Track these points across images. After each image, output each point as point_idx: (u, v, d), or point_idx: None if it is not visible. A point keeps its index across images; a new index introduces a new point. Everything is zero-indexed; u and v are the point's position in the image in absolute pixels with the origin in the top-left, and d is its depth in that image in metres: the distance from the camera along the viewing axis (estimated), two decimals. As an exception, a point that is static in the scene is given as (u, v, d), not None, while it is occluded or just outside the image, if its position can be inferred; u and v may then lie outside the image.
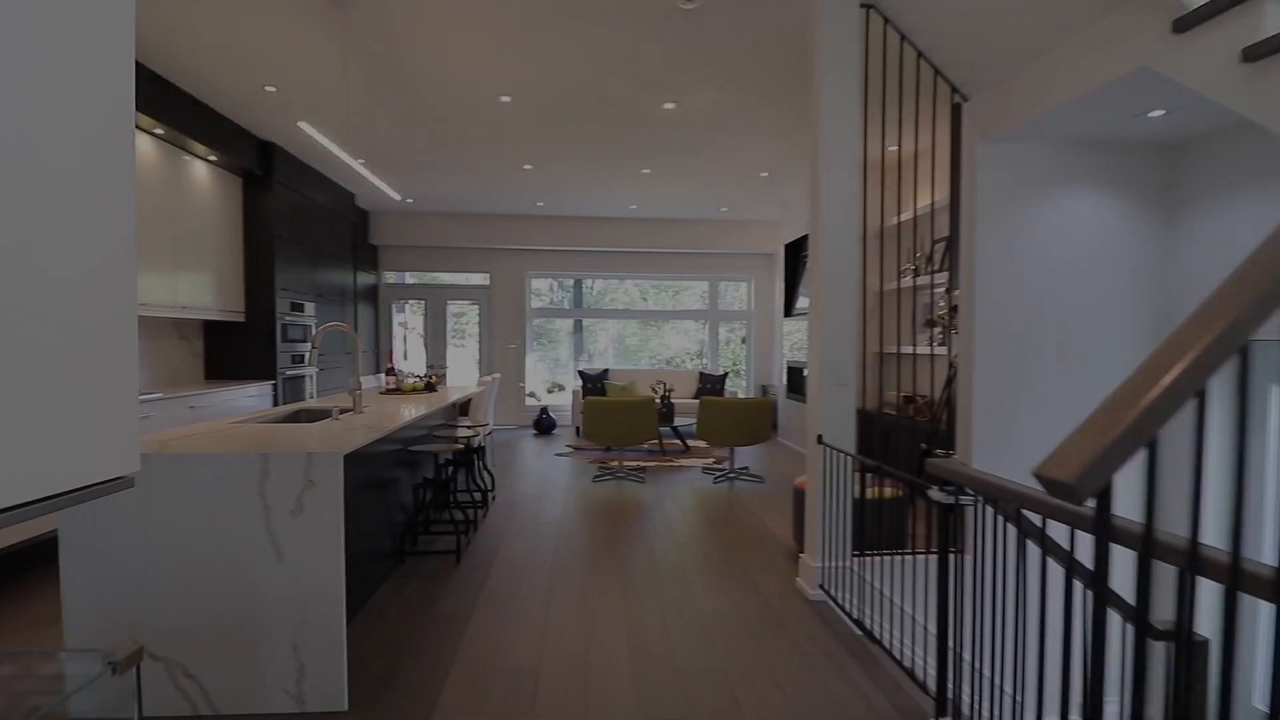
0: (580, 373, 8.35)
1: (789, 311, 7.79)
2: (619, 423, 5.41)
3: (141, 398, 3.91)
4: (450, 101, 4.53)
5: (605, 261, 9.11)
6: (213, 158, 4.98)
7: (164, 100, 4.22)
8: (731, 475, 5.76)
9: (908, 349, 5.12)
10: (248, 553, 2.09)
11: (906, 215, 5.10)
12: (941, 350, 4.73)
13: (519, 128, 5.08)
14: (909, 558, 3.09)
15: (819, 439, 3.05)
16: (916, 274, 5.26)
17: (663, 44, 3.67)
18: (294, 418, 3.42)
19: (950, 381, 3.65)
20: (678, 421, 6.95)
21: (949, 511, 1.98)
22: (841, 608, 2.89)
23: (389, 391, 4.43)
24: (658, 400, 6.49)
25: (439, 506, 3.91)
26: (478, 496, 4.76)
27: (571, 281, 9.97)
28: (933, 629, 2.30)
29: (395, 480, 3.45)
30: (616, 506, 4.74)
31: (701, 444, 7.53)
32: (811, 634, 2.69)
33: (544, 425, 8.31)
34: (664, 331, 10.75)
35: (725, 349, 10.04)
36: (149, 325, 4.82)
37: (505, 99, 4.48)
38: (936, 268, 5.10)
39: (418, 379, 4.61)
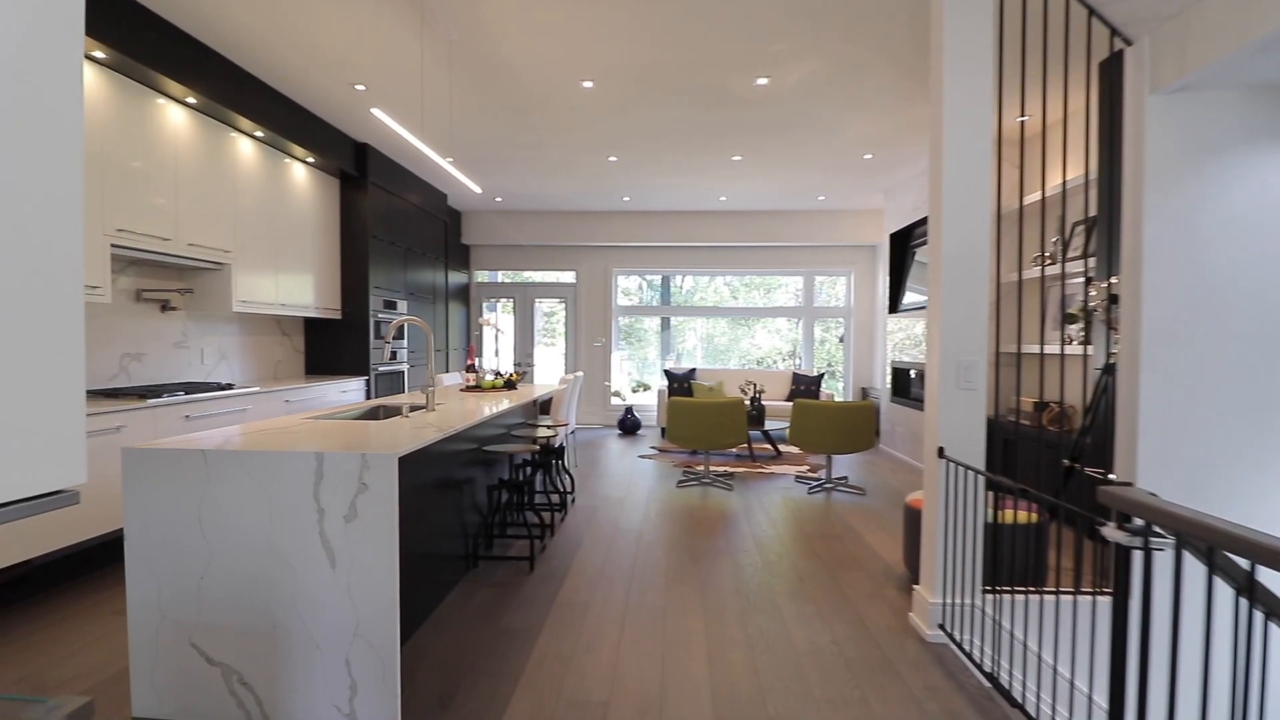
0: (666, 372, 8.09)
1: (894, 307, 7.14)
2: (706, 425, 5.08)
3: (239, 391, 4.03)
4: (530, 89, 4.38)
5: (693, 257, 8.79)
6: (310, 159, 5.13)
7: (262, 103, 4.34)
8: (828, 485, 5.28)
9: (1038, 348, 4.45)
10: (301, 558, 1.97)
11: (1033, 197, 4.43)
12: (1081, 350, 4.05)
13: (602, 115, 4.87)
14: (1050, 598, 2.56)
15: (940, 452, 2.59)
16: (1048, 263, 4.57)
17: (756, 9, 3.31)
18: (372, 414, 3.37)
19: (1103, 386, 3.04)
20: (769, 425, 6.52)
21: (1128, 555, 1.52)
22: (967, 654, 2.43)
23: (469, 389, 4.35)
24: (747, 402, 6.10)
25: (515, 508, 3.77)
26: (556, 499, 4.60)
27: (659, 279, 9.74)
28: (1098, 698, 1.82)
29: (469, 480, 3.32)
30: (701, 515, 4.41)
31: (794, 450, 7.04)
32: (930, 685, 2.26)
33: (629, 425, 8.12)
34: (754, 330, 10.29)
35: (819, 349, 9.44)
36: (253, 321, 5.03)
37: (587, 84, 4.28)
38: (1075, 254, 4.40)
39: (498, 376, 4.51)
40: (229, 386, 4.09)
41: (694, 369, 8.21)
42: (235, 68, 4.07)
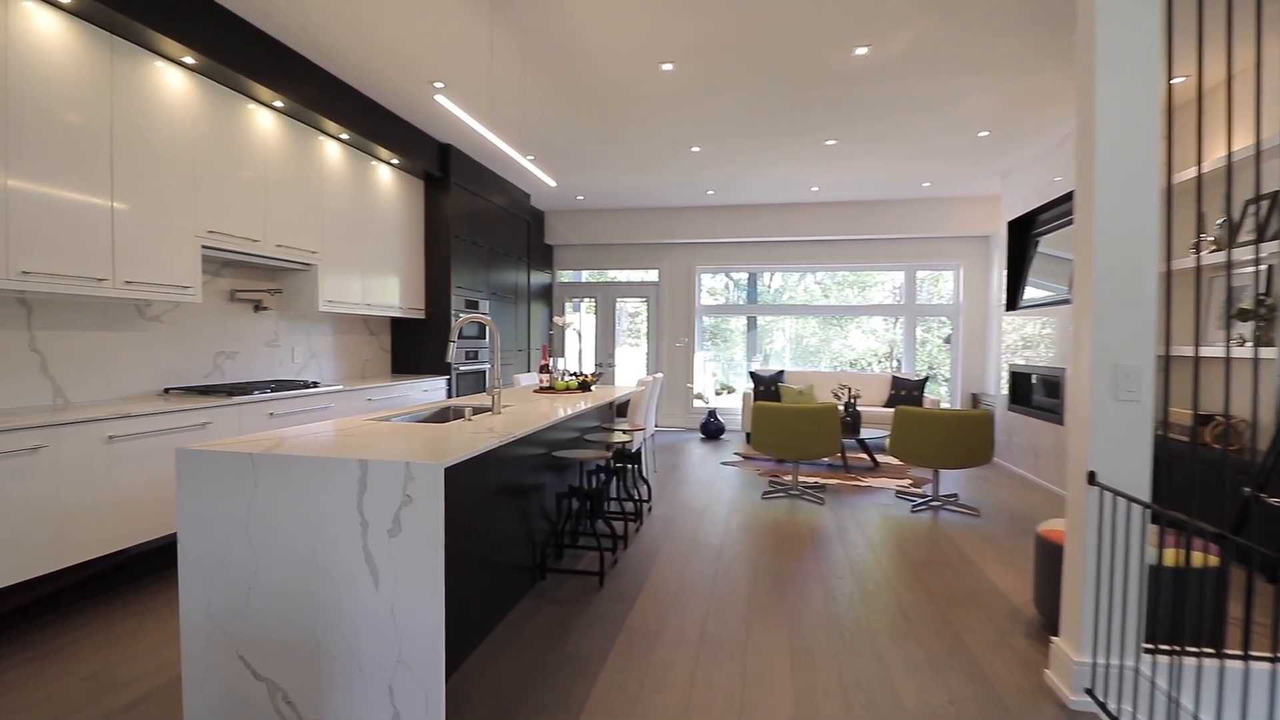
0: (752, 374, 7.67)
1: (1013, 304, 6.37)
2: (795, 432, 4.67)
3: (323, 389, 4.07)
4: (607, 76, 4.17)
5: (781, 253, 8.31)
6: (395, 161, 5.19)
7: (347, 106, 4.39)
8: (936, 504, 4.71)
9: (1192, 350, 3.73)
10: (344, 575, 1.82)
11: (1189, 173, 3.70)
12: (1253, 353, 3.32)
13: (683, 101, 4.58)
14: (1235, 663, 2.02)
15: (1090, 478, 2.11)
16: (1211, 249, 3.83)
17: (855, -38, 2.91)
18: (441, 415, 3.26)
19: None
20: (865, 433, 5.98)
21: None
22: (1127, 732, 1.94)
23: (542, 390, 4.20)
24: (841, 408, 5.61)
25: (589, 516, 3.56)
26: (630, 507, 4.36)
27: (745, 277, 9.32)
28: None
29: (537, 486, 3.13)
30: (789, 531, 4.03)
31: (894, 461, 6.44)
32: (1080, 770, 1.81)
33: (711, 430, 7.77)
34: (847, 330, 9.64)
35: (920, 350, 8.68)
36: (341, 321, 5.14)
37: (666, 67, 4.00)
38: (1248, 238, 3.64)
39: (573, 377, 4.33)
40: (314, 385, 4.15)
41: (782, 371, 7.75)
42: (320, 71, 4.12)
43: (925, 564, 3.48)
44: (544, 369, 4.30)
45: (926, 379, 7.24)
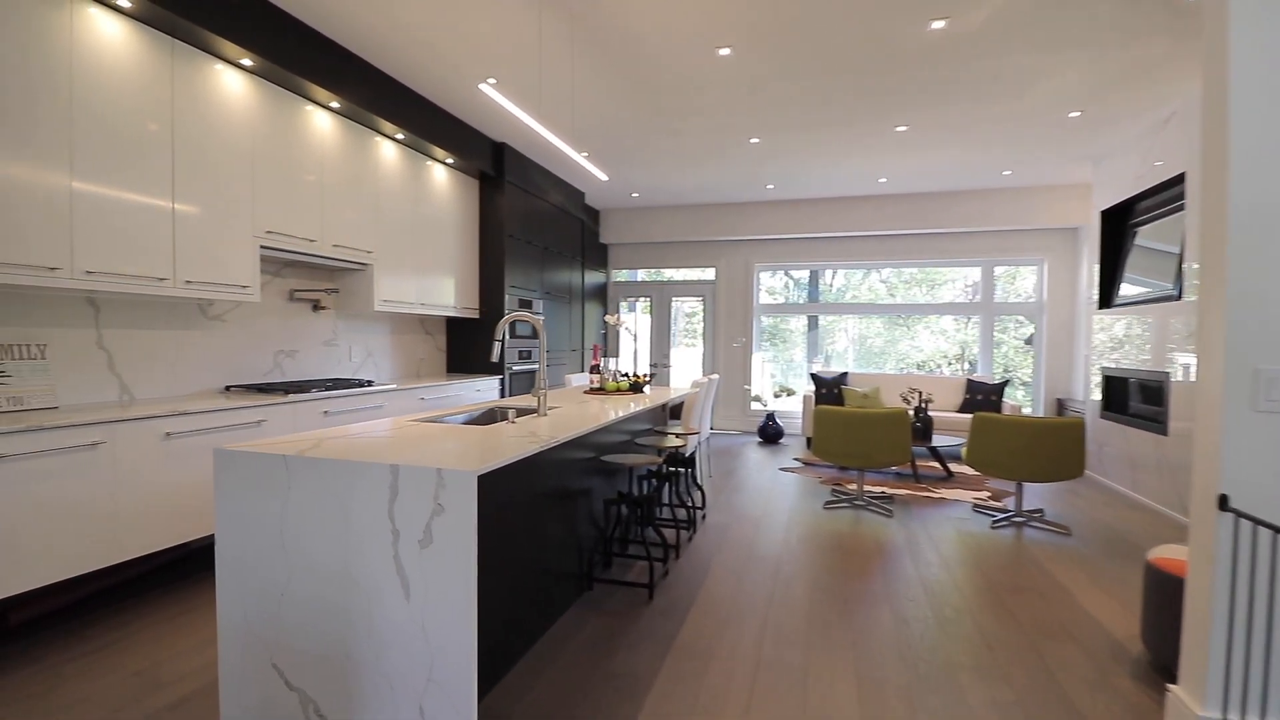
0: (814, 376, 7.34)
1: (1106, 301, 5.82)
2: (861, 439, 4.37)
3: (376, 388, 4.08)
4: (660, 63, 4.00)
5: (845, 249, 7.93)
6: (449, 160, 5.19)
7: (402, 106, 4.40)
8: (1019, 519, 4.31)
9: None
10: (376, 585, 1.72)
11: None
12: None
13: (741, 88, 4.36)
14: None
15: (1222, 503, 1.78)
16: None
17: (933, -77, 2.64)
18: (488, 417, 3.18)
19: None
20: (937, 440, 5.58)
21: None
22: (1273, 809, 1.62)
23: (592, 391, 4.07)
24: (911, 413, 5.25)
25: (638, 523, 3.40)
26: (683, 514, 4.17)
27: (806, 275, 8.97)
28: None
29: (585, 492, 3.00)
30: (854, 545, 3.75)
31: (968, 471, 6.00)
32: None
33: (770, 434, 7.48)
34: (915, 330, 9.12)
35: (994, 351, 8.11)
36: (397, 320, 5.18)
37: (724, 52, 3.80)
38: None
39: (624, 378, 4.18)
40: (368, 384, 4.17)
41: (845, 373, 7.38)
42: (375, 70, 4.13)
43: (1010, 588, 3.15)
44: (594, 369, 4.17)
45: (1006, 383, 6.73)
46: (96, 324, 3.03)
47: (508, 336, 5.77)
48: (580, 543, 2.94)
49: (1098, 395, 5.82)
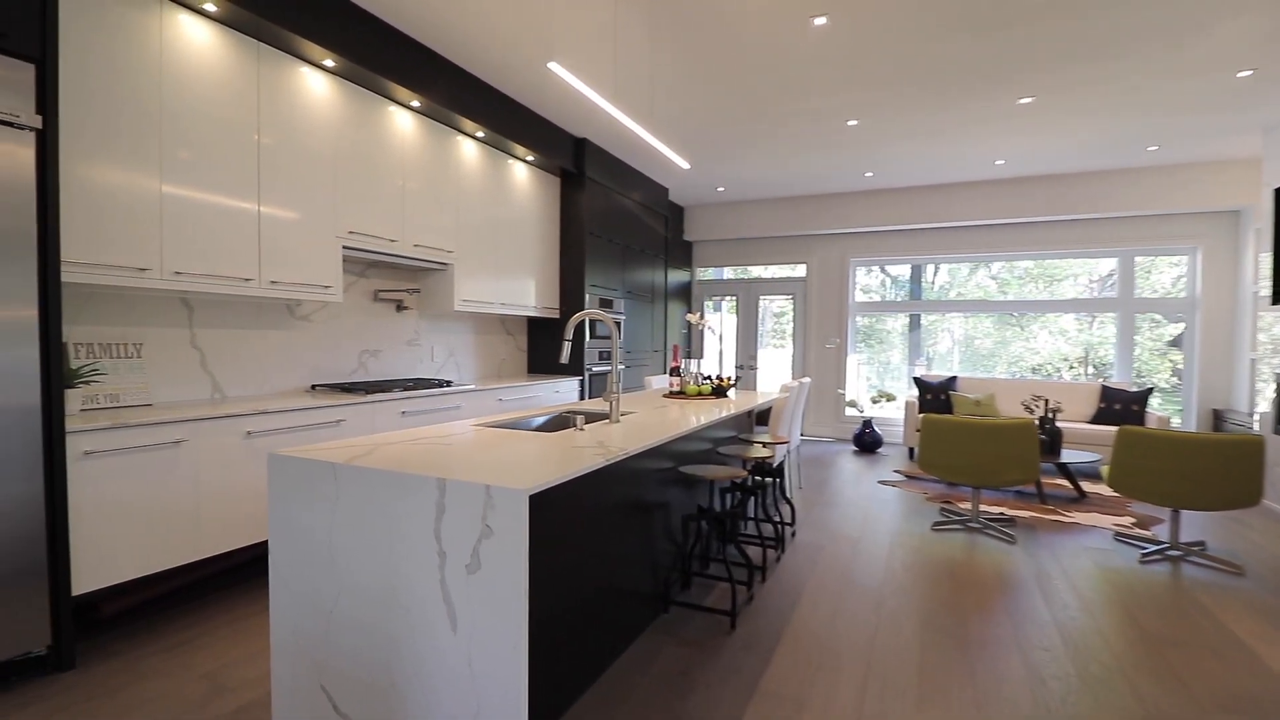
0: (917, 380, 6.72)
1: (1284, 295, 4.88)
2: (978, 452, 3.85)
3: (455, 389, 4.03)
4: (746, 37, 3.68)
5: (954, 241, 7.23)
6: (530, 158, 5.10)
7: (483, 103, 4.34)
8: (1175, 553, 3.64)
9: None
10: (422, 611, 1.55)
11: None
12: None
13: (839, 63, 3.96)
14: None
15: None
16: None
17: None
18: (558, 422, 3.00)
19: None
20: (1067, 456, 4.89)
21: None
22: None
23: (672, 394, 3.81)
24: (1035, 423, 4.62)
25: (721, 539, 3.11)
26: (770, 530, 3.83)
27: (904, 273, 8.27)
28: None
29: (662, 504, 2.75)
30: (970, 576, 3.27)
31: (1105, 491, 5.24)
32: None
33: (867, 442, 6.92)
34: (1031, 330, 8.19)
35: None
36: (479, 320, 5.16)
37: (819, 21, 3.44)
38: None
39: (707, 380, 3.90)
40: (447, 384, 4.13)
41: (954, 377, 6.70)
42: (455, 68, 4.09)
43: (1171, 641, 2.59)
44: (674, 371, 3.92)
45: (1149, 390, 5.85)
46: (190, 324, 3.11)
47: (589, 337, 5.63)
48: (656, 560, 2.69)
49: (1266, 406, 4.89)
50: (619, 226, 6.20)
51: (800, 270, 8.07)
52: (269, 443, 2.93)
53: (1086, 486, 5.34)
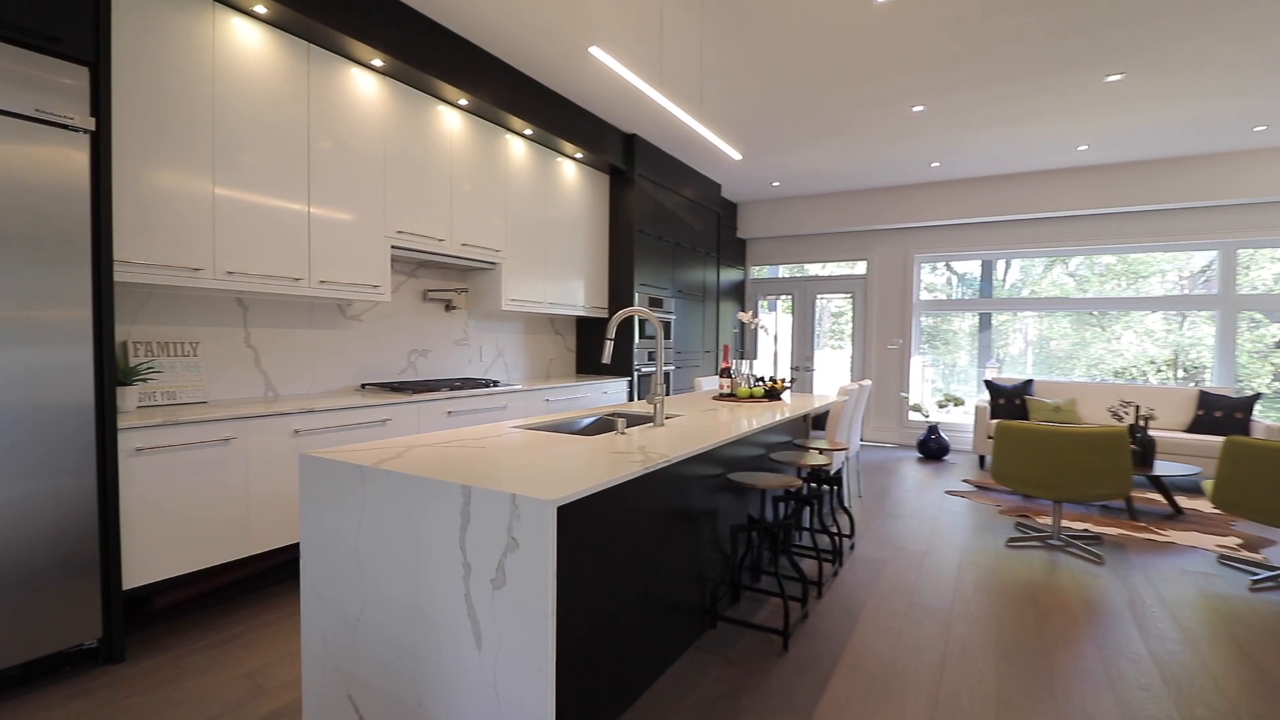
0: (988, 384, 6.29)
1: None
2: (1062, 464, 3.52)
3: (502, 389, 3.98)
4: (801, 18, 3.48)
5: (1028, 234, 6.74)
6: (579, 156, 5.03)
7: (531, 100, 4.29)
8: (1295, 581, 3.22)
9: None
10: (447, 626, 1.46)
11: None
12: None
13: (903, 42, 3.70)
14: None
15: None
16: None
17: None
18: (601, 425, 2.88)
19: None
20: (1160, 468, 4.44)
21: None
22: None
23: (722, 397, 3.65)
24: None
25: (773, 550, 2.93)
26: (826, 541, 3.61)
27: (970, 271, 7.79)
28: None
29: (709, 513, 2.59)
30: (1051, 601, 2.97)
31: (1204, 508, 4.74)
32: None
33: (932, 449, 6.53)
34: (1112, 331, 7.55)
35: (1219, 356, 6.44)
36: (527, 320, 5.12)
37: (882, -2, 3.21)
38: None
39: (759, 383, 3.71)
40: (494, 384, 4.09)
41: (1029, 381, 6.24)
42: (502, 65, 4.05)
43: (1301, 687, 2.25)
44: (724, 373, 3.75)
45: (1256, 396, 5.27)
46: (244, 323, 3.17)
47: (638, 337, 5.52)
48: (702, 572, 2.54)
49: None
50: (669, 224, 6.06)
51: (860, 268, 7.73)
52: (315, 441, 2.94)
53: (1183, 502, 4.85)
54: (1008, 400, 6.08)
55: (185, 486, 2.47)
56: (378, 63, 3.36)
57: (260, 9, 2.80)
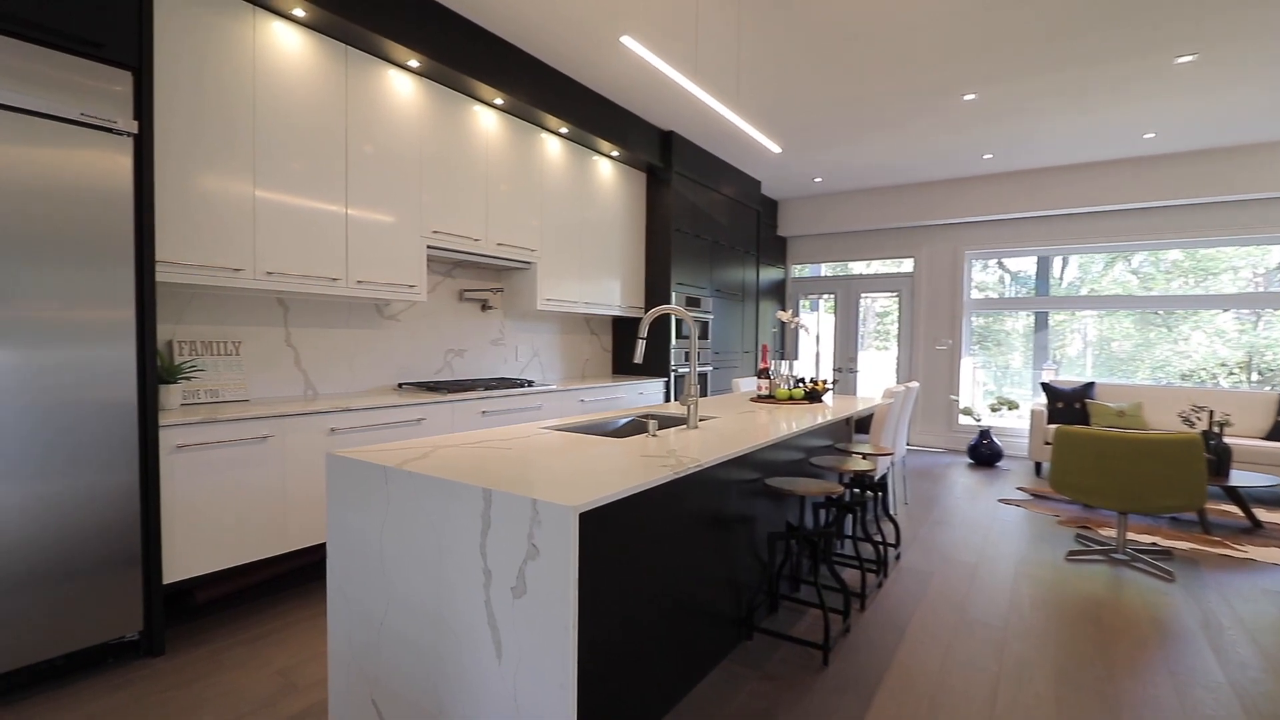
0: (1046, 387, 5.97)
1: None
2: (1126, 472, 3.29)
3: (537, 389, 3.96)
4: (846, 3, 3.34)
5: (1088, 228, 6.38)
6: (615, 154, 4.98)
7: (567, 99, 4.25)
8: (1399, 606, 2.91)
9: None
10: (467, 633, 1.41)
11: None
12: None
13: (953, 24, 3.52)
14: None
15: None
16: None
17: None
18: (634, 427, 2.82)
19: None
20: (1236, 478, 4.12)
21: None
22: None
23: (760, 399, 3.53)
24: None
25: (812, 558, 2.81)
26: (870, 550, 3.45)
27: (1024, 269, 7.42)
28: None
29: (746, 519, 2.49)
30: (1118, 621, 2.76)
31: (1290, 521, 4.38)
32: None
33: (983, 455, 6.24)
34: (1179, 331, 7.07)
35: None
36: (563, 320, 5.10)
37: (931, -21, 3.05)
38: None
39: (798, 385, 3.59)
40: (529, 384, 4.08)
41: (1090, 383, 5.90)
42: (537, 63, 4.02)
43: None
44: (762, 373, 3.63)
45: (1349, 402, 4.84)
46: (285, 323, 3.22)
47: (675, 337, 5.44)
48: (737, 581, 2.44)
49: None
50: (707, 222, 5.96)
51: (907, 265, 7.46)
52: (350, 440, 2.96)
53: (1261, 515, 4.49)
54: (1066, 404, 5.76)
55: (224, 483, 2.51)
56: (414, 64, 3.37)
57: (299, 12, 2.83)
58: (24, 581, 1.96)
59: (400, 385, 3.76)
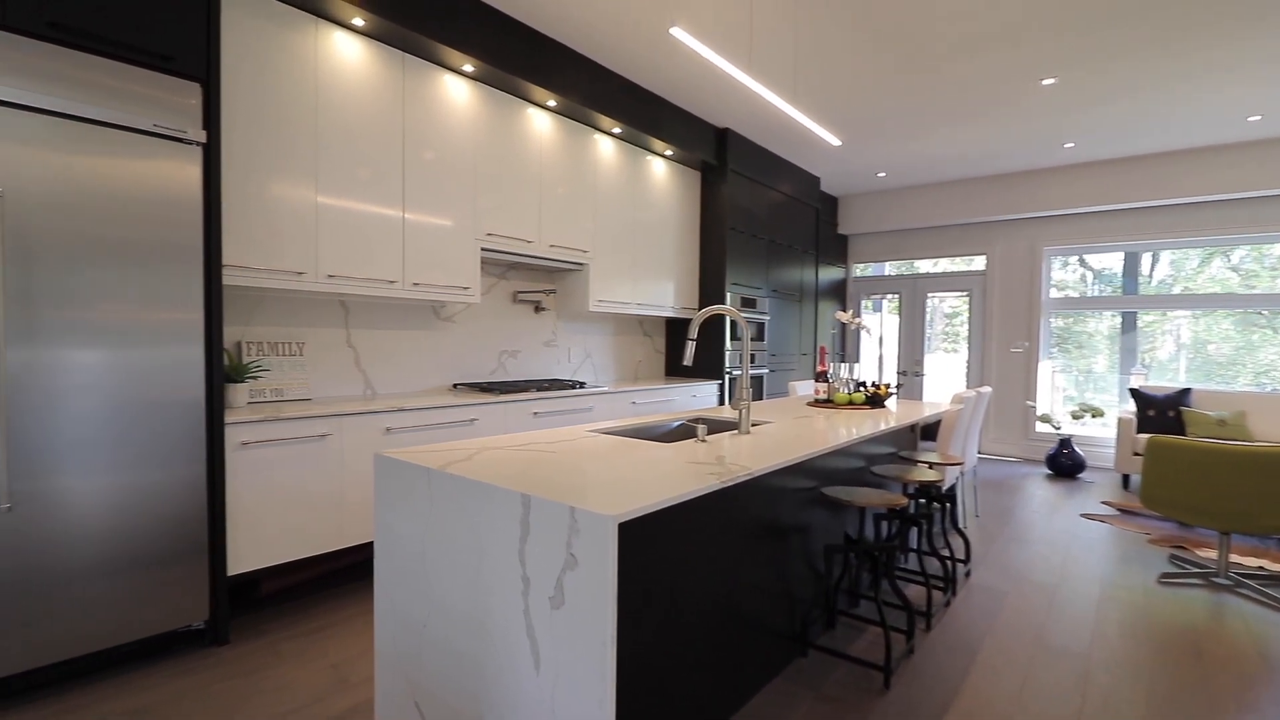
0: (1135, 393, 5.52)
1: None
2: (1232, 489, 2.97)
3: (588, 390, 3.95)
4: (917, -6, 3.16)
5: (1182, 221, 5.87)
6: (669, 153, 4.92)
7: (620, 98, 4.22)
8: None
9: None
10: (506, 642, 1.38)
11: None
12: None
13: (1034, 3, 3.28)
14: None
15: None
16: None
17: None
18: (682, 431, 2.74)
19: None
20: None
21: None
22: None
23: (817, 403, 3.39)
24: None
25: (874, 573, 2.65)
26: (936, 565, 3.25)
27: (1109, 266, 6.89)
28: None
29: (802, 529, 2.38)
30: (1220, 652, 2.48)
31: None
32: None
33: (1063, 466, 5.82)
34: (1292, 331, 6.38)
35: None
36: (616, 321, 5.07)
37: (1006, -45, 2.84)
38: None
39: (859, 389, 3.42)
40: (581, 385, 4.06)
41: (1186, 390, 5.41)
42: (590, 63, 4.01)
43: None
44: (820, 377, 3.48)
45: None
46: (346, 324, 3.31)
47: (729, 339, 5.32)
48: (792, 594, 2.33)
49: None
50: (764, 221, 5.81)
51: (978, 263, 7.07)
52: (405, 440, 3.01)
53: (1398, 540, 3.98)
54: (1159, 412, 5.30)
55: (285, 479, 2.59)
56: (468, 68, 3.41)
57: (359, 21, 2.90)
58: (101, 570, 2.07)
59: (455, 386, 3.82)
